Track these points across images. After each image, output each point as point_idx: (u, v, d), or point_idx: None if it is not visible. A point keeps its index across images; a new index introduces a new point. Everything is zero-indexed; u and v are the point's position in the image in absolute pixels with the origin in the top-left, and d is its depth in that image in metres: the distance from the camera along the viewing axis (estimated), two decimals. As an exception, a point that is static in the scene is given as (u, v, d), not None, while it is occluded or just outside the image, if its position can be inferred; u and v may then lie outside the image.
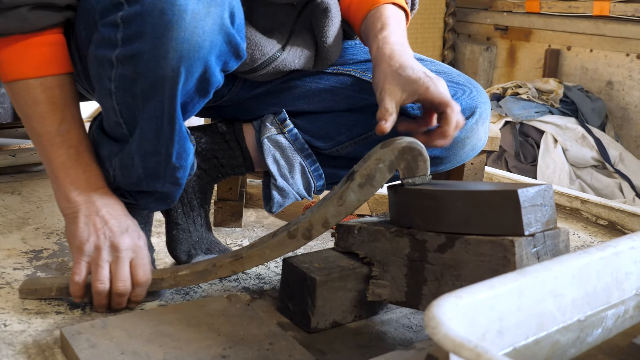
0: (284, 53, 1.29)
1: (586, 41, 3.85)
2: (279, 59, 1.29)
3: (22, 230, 1.54)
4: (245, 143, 1.40)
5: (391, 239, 1.12)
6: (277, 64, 1.29)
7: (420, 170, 1.13)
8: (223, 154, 1.39)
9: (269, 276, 1.37)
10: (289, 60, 1.30)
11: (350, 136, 1.36)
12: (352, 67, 1.39)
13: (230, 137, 1.40)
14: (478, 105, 1.31)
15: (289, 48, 1.30)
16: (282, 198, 1.39)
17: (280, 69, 1.31)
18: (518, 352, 0.82)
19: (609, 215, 1.91)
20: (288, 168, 1.38)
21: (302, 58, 1.32)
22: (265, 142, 1.37)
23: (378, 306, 1.22)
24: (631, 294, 1.00)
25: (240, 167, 1.41)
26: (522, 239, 0.99)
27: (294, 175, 1.38)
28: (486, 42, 4.45)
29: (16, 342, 1.06)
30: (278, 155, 1.37)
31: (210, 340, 1.04)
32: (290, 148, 1.38)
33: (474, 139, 1.33)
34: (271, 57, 1.28)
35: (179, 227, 1.36)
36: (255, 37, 1.26)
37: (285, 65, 1.30)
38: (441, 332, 0.67)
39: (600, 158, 3.33)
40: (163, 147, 1.13)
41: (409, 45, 1.25)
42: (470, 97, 1.31)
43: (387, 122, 1.14)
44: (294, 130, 1.38)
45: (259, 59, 1.27)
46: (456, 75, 1.35)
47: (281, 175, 1.37)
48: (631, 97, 3.68)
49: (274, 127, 1.38)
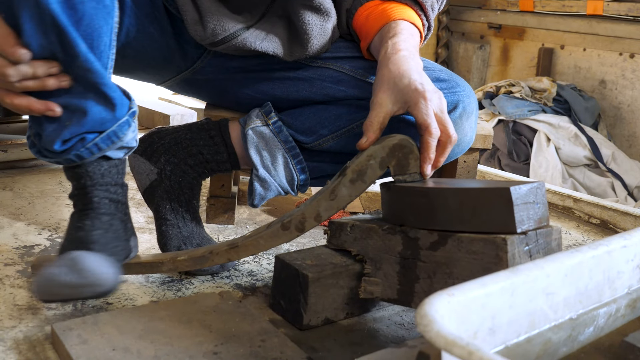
0: (247, 32, 1.31)
1: (579, 40, 3.86)
2: (239, 37, 1.30)
3: (14, 226, 1.53)
4: (230, 139, 1.41)
5: (384, 236, 1.12)
6: (237, 41, 1.31)
7: (411, 168, 1.13)
8: (208, 150, 1.40)
9: (261, 273, 1.37)
10: (250, 40, 1.31)
11: (332, 129, 1.37)
12: (332, 61, 1.40)
13: (215, 132, 1.41)
14: (460, 99, 1.31)
15: (254, 29, 1.33)
16: (263, 190, 1.39)
17: (241, 47, 1.32)
18: (510, 350, 0.82)
19: (601, 214, 1.92)
20: (271, 159, 1.38)
21: (266, 41, 1.33)
22: (249, 132, 1.39)
23: (370, 304, 1.22)
24: (623, 293, 1.00)
25: (225, 162, 1.42)
26: (515, 237, 0.99)
27: (277, 167, 1.38)
28: (480, 41, 4.45)
29: (7, 338, 1.06)
30: (261, 146, 1.38)
31: (202, 337, 1.03)
32: (273, 140, 1.38)
33: (459, 134, 1.32)
34: (232, 34, 1.30)
35: (168, 222, 1.36)
36: (219, 12, 1.29)
37: (246, 44, 1.31)
38: (433, 330, 0.67)
39: (592, 157, 3.34)
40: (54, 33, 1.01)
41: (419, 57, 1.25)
42: (451, 91, 1.30)
43: (366, 139, 1.15)
44: (278, 123, 1.39)
45: (219, 34, 1.29)
46: (438, 71, 1.34)
47: (263, 167, 1.38)
48: (624, 97, 3.69)
49: (259, 119, 1.40)
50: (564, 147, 3.35)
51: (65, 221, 1.58)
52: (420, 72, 1.18)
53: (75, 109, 1.07)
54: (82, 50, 1.03)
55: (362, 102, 1.35)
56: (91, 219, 1.13)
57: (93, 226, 1.12)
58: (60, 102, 1.07)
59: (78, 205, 1.15)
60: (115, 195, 1.16)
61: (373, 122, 1.16)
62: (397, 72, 1.17)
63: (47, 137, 1.09)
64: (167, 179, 1.38)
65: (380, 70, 1.20)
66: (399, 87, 1.15)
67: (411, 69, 1.17)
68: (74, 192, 1.15)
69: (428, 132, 1.13)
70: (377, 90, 1.18)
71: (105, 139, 1.11)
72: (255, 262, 1.42)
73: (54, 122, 1.08)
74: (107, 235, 1.13)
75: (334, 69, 1.39)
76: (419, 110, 1.13)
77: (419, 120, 1.14)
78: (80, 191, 1.14)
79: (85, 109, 1.07)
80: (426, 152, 1.13)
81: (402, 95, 1.15)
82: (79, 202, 1.15)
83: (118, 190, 1.16)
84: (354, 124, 1.35)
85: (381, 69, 1.20)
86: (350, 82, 1.37)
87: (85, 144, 1.10)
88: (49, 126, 1.08)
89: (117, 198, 1.16)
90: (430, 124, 1.12)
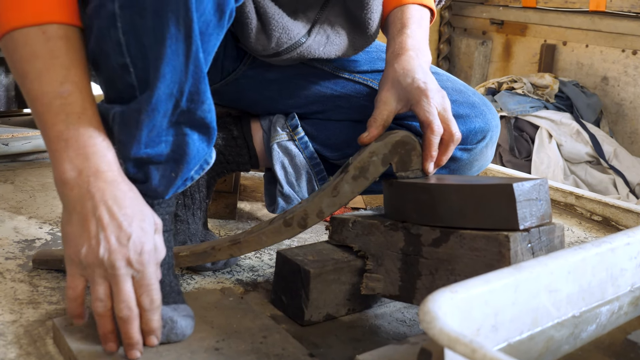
0: (309, 39, 1.24)
1: (582, 36, 3.85)
2: (304, 45, 1.23)
3: (15, 220, 1.53)
4: (252, 142, 1.40)
5: (386, 232, 1.12)
6: (302, 50, 1.23)
7: (413, 165, 1.13)
8: (230, 151, 1.39)
9: (263, 268, 1.37)
10: (313, 47, 1.24)
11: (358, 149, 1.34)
12: (370, 75, 1.38)
13: (238, 134, 1.40)
14: (490, 129, 1.31)
15: (315, 34, 1.24)
16: (286, 204, 1.39)
17: (304, 56, 1.25)
18: (512, 347, 0.82)
19: (604, 211, 1.91)
20: (295, 176, 1.37)
21: (328, 45, 1.26)
22: (275, 147, 1.37)
23: (372, 300, 1.22)
24: (626, 290, 0.99)
25: (246, 164, 1.42)
26: (517, 234, 0.99)
27: (300, 183, 1.38)
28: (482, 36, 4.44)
29: (8, 332, 1.05)
30: (287, 162, 1.37)
31: (204, 333, 1.03)
32: (299, 156, 1.37)
33: (482, 161, 1.33)
34: (296, 43, 1.22)
35: (177, 218, 1.35)
36: (283, 19, 1.19)
37: (310, 52, 1.25)
38: (436, 327, 0.67)
39: (594, 154, 3.33)
40: (176, 84, 0.91)
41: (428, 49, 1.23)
42: (484, 121, 1.30)
43: (368, 134, 1.14)
44: (304, 139, 1.37)
45: (284, 43, 1.21)
46: (472, 95, 1.33)
47: (288, 183, 1.37)
48: (626, 93, 3.68)
49: (285, 133, 1.37)
50: (566, 144, 3.34)
51: (66, 215, 1.58)
52: (425, 71, 1.17)
53: (179, 149, 0.97)
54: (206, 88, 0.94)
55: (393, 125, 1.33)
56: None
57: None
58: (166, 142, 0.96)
59: None
60: (173, 207, 1.07)
61: (377, 119, 1.15)
62: (401, 71, 1.17)
63: (156, 187, 0.99)
64: None
65: (387, 68, 1.20)
66: (403, 85, 1.15)
67: (415, 68, 1.17)
68: None
69: (430, 130, 1.12)
70: (382, 88, 1.18)
71: (198, 169, 1.03)
72: (257, 257, 1.42)
73: (158, 166, 0.97)
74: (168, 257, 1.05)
75: (371, 87, 1.37)
76: (421, 108, 1.13)
77: (421, 118, 1.13)
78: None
79: (189, 147, 0.97)
80: (428, 150, 1.13)
81: (406, 94, 1.15)
82: None
83: (173, 200, 1.06)
84: None
85: (387, 68, 1.20)
86: None
87: (186, 182, 1.02)
88: (155, 172, 0.97)
89: (172, 209, 1.06)
90: (432, 121, 1.12)
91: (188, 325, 1.00)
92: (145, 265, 0.89)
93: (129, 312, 0.89)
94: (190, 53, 0.89)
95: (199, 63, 0.91)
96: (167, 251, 1.04)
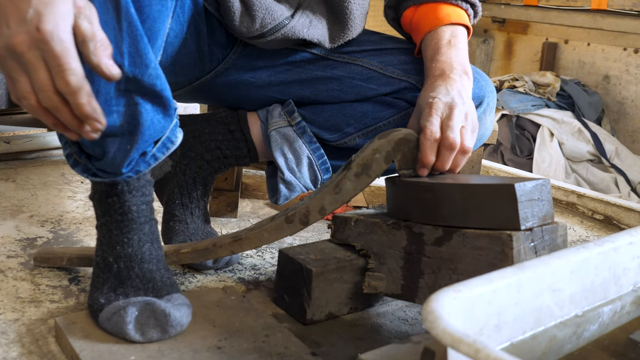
0: (293, 20, 1.27)
1: (584, 35, 3.84)
2: (287, 25, 1.26)
3: (16, 218, 1.53)
4: (250, 134, 1.38)
5: (388, 231, 1.11)
6: (286, 30, 1.26)
7: (416, 162, 1.13)
8: (227, 145, 1.38)
9: (265, 267, 1.37)
10: (298, 29, 1.27)
11: (359, 127, 1.35)
12: (358, 55, 1.38)
13: (234, 127, 1.38)
14: (485, 95, 1.31)
15: (299, 16, 1.28)
16: (288, 191, 1.38)
17: (289, 37, 1.27)
18: (515, 347, 0.82)
19: (605, 210, 1.91)
20: (295, 161, 1.36)
21: (311, 28, 1.29)
22: (273, 134, 1.36)
23: (374, 298, 1.22)
24: (628, 290, 0.99)
25: (245, 158, 1.40)
26: (520, 234, 0.98)
27: (302, 169, 1.36)
28: (483, 35, 4.44)
29: (10, 331, 1.05)
30: (286, 149, 1.36)
31: (206, 332, 1.03)
32: (298, 141, 1.36)
33: (481, 129, 1.33)
34: (280, 24, 1.25)
35: (175, 218, 1.35)
36: (266, 1, 1.23)
37: (294, 33, 1.27)
38: (440, 327, 0.67)
39: (596, 152, 3.33)
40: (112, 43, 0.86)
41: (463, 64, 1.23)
42: (478, 87, 1.30)
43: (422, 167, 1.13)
44: (302, 123, 1.36)
45: (269, 23, 1.24)
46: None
47: (288, 169, 1.36)
48: (628, 92, 3.68)
49: (282, 119, 1.36)
50: (568, 142, 3.34)
51: (67, 213, 1.58)
52: (447, 92, 1.16)
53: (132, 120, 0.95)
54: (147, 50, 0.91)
55: (386, 98, 1.34)
56: (134, 231, 1.04)
57: (140, 241, 1.05)
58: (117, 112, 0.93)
59: (111, 213, 1.04)
60: (150, 197, 1.07)
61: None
62: (424, 95, 1.18)
63: (112, 160, 0.98)
64: (181, 173, 1.37)
65: (419, 97, 1.20)
66: (421, 107, 1.17)
67: (435, 89, 1.17)
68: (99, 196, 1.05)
69: (423, 133, 1.11)
70: (413, 115, 1.20)
71: (161, 147, 1.02)
72: (259, 256, 1.42)
73: (114, 139, 0.96)
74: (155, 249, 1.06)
75: (363, 66, 1.37)
76: (423, 117, 1.13)
77: (420, 125, 1.13)
78: (115, 198, 1.04)
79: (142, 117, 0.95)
80: (421, 153, 1.11)
81: (421, 112, 1.16)
82: (111, 211, 1.04)
83: (148, 188, 1.07)
84: (381, 123, 1.33)
85: (420, 95, 1.21)
86: (381, 80, 1.35)
87: (145, 158, 1.01)
88: (112, 146, 0.96)
89: (149, 198, 1.07)
90: (426, 126, 1.11)
91: (184, 315, 1.01)
92: (48, 42, 0.77)
93: (50, 101, 0.80)
94: (119, 7, 0.86)
95: (132, 20, 0.88)
96: (152, 243, 1.07)
